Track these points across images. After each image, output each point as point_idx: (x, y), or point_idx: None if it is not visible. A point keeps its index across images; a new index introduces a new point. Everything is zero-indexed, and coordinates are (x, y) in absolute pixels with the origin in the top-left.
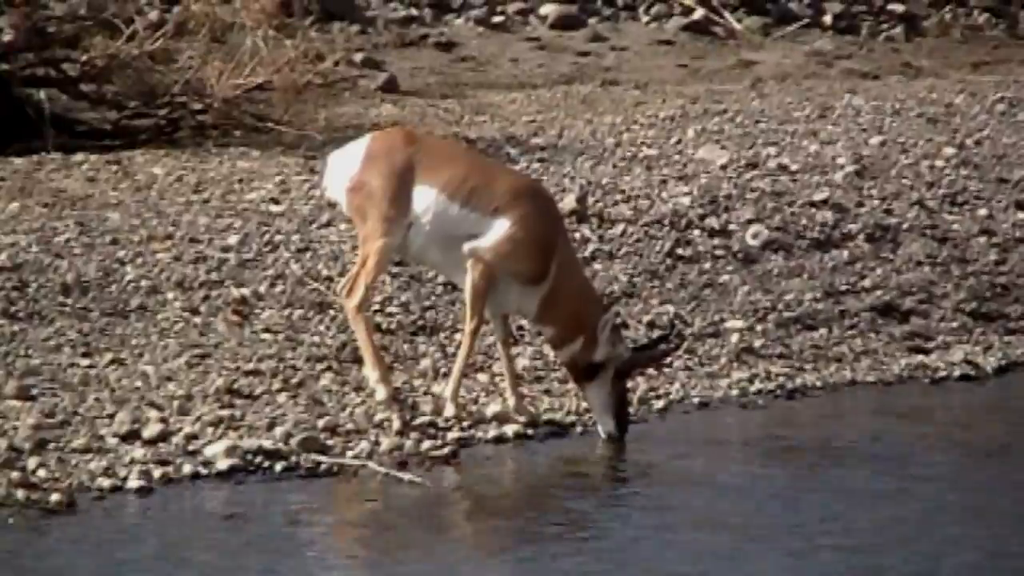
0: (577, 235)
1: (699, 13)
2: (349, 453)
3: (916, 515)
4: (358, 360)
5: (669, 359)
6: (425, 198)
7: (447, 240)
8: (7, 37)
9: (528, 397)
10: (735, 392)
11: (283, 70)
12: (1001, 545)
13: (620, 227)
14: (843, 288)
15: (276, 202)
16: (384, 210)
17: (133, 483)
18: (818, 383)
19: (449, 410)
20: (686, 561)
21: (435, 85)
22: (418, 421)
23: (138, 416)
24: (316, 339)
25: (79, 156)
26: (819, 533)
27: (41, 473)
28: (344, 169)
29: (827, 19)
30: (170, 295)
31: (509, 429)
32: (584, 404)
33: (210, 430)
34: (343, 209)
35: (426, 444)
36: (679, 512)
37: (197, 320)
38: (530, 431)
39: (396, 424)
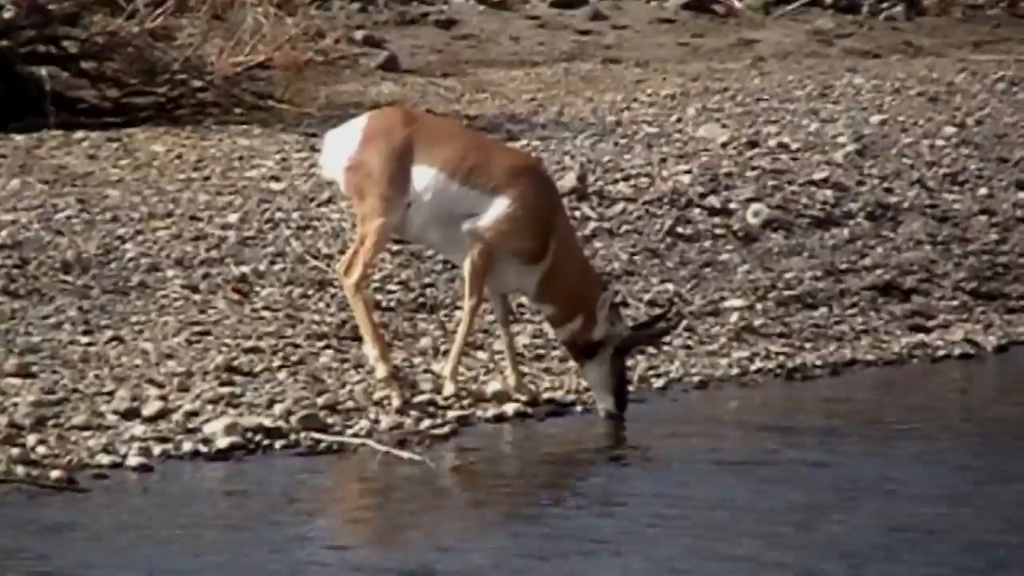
0: (577, 213)
1: None
2: (349, 431)
3: (919, 494)
4: (358, 338)
5: (668, 337)
6: (424, 177)
7: (446, 219)
8: (8, 14)
9: (528, 376)
10: (735, 371)
11: (283, 48)
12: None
13: (620, 205)
14: (843, 267)
15: (276, 179)
16: (383, 189)
17: (133, 460)
18: (818, 362)
19: (448, 388)
20: (686, 539)
21: (435, 63)
22: (418, 399)
23: (138, 393)
24: (316, 317)
25: (80, 133)
26: (820, 510)
27: (41, 450)
28: (342, 148)
29: None
30: (170, 273)
31: (509, 408)
32: (584, 383)
33: (210, 407)
34: (341, 188)
35: (426, 422)
36: (679, 490)
37: (197, 298)
38: (530, 410)
39: (396, 402)
